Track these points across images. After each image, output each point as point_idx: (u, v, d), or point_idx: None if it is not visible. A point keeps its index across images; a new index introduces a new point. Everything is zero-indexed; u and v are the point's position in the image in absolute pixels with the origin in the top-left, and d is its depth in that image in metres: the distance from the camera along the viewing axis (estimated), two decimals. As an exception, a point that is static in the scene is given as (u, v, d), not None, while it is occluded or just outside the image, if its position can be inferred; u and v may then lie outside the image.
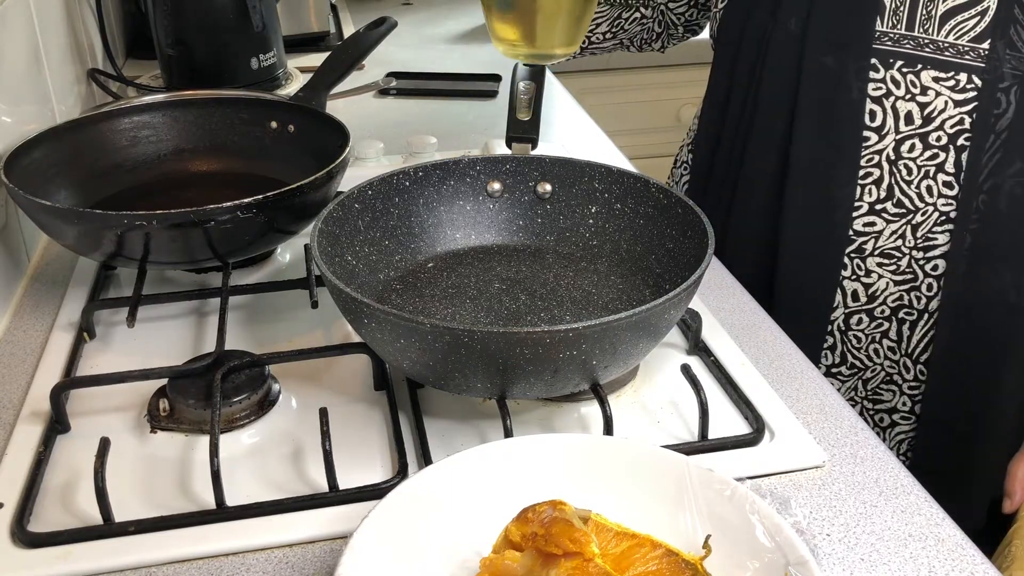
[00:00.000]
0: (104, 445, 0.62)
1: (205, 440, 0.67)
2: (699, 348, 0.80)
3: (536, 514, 0.53)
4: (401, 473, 0.65)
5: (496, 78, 1.49)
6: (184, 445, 0.69)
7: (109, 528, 0.61)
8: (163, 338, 0.82)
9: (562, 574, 0.51)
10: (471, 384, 0.66)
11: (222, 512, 0.62)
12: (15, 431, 0.70)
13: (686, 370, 0.72)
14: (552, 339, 0.61)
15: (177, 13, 1.27)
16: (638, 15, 1.15)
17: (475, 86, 1.46)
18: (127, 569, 0.59)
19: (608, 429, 0.66)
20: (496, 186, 0.87)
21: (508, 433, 0.65)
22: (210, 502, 0.62)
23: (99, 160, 0.96)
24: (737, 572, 0.54)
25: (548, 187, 0.87)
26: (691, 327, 0.80)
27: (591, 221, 0.86)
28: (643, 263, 0.82)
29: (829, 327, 0.97)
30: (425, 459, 0.66)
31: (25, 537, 0.60)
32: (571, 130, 1.33)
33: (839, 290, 0.95)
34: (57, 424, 0.70)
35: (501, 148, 1.16)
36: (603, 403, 0.66)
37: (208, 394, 0.70)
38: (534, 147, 0.89)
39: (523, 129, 0.89)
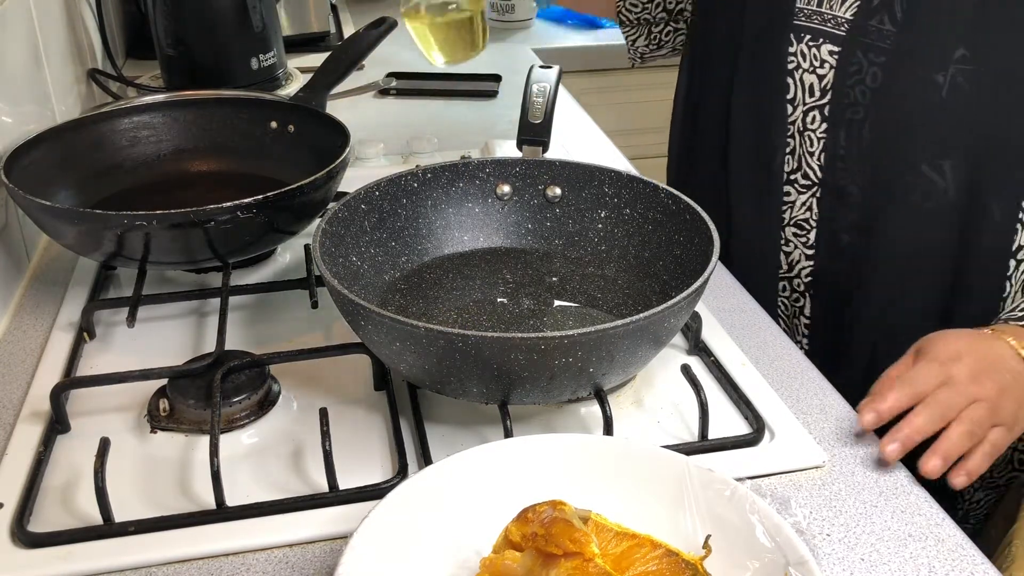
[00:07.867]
0: (104, 445, 0.62)
1: (205, 440, 0.67)
2: (699, 348, 0.80)
3: (536, 514, 0.53)
4: (401, 473, 0.65)
5: (496, 78, 1.49)
6: (184, 445, 0.69)
7: (109, 528, 0.61)
8: (163, 338, 0.82)
9: (562, 574, 0.51)
10: (467, 389, 0.66)
11: (222, 512, 0.62)
12: (15, 431, 0.70)
13: (686, 370, 0.71)
14: (547, 345, 0.61)
15: (177, 13, 1.27)
16: (670, 28, 1.17)
17: (475, 86, 1.46)
18: (127, 569, 0.59)
19: (608, 429, 0.66)
20: (505, 188, 0.87)
21: (508, 433, 0.65)
22: (210, 502, 0.62)
23: (99, 160, 0.96)
24: (737, 572, 0.54)
25: (558, 190, 0.87)
26: (691, 327, 0.80)
27: (600, 226, 0.86)
28: (651, 269, 0.82)
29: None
30: (425, 459, 0.66)
31: (25, 537, 0.60)
32: (571, 130, 1.33)
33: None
34: (57, 424, 0.70)
35: (502, 148, 1.16)
36: (603, 404, 0.66)
37: (208, 394, 0.70)
38: (545, 150, 0.89)
39: (535, 132, 0.89)
